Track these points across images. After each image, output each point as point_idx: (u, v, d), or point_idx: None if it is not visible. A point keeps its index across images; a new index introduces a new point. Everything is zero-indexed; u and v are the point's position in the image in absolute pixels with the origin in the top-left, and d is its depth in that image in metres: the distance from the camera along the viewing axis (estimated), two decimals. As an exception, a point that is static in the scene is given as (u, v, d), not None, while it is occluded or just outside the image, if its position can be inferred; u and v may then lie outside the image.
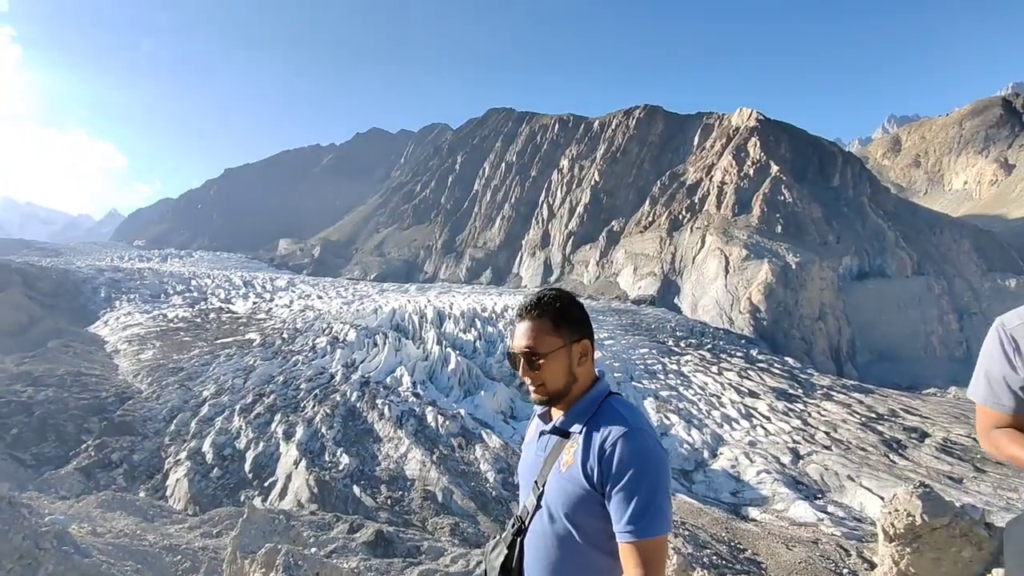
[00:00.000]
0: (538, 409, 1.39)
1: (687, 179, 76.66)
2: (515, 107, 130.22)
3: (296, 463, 29.91)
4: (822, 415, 34.05)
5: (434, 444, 33.04)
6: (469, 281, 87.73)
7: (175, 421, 34.60)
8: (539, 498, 1.23)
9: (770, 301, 51.27)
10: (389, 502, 28.31)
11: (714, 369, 41.39)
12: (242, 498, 27.20)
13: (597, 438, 1.19)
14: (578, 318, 1.31)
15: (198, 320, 59.35)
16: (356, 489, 28.67)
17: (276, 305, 66.25)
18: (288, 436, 32.80)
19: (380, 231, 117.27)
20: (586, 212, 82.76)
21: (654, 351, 45.45)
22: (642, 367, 42.41)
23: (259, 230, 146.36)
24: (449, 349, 45.18)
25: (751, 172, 68.68)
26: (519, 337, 1.28)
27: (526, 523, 1.24)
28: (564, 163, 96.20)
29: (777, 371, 41.26)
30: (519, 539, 1.25)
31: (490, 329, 50.36)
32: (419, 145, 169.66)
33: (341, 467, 30.57)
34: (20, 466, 28.37)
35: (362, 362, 43.77)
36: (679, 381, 39.79)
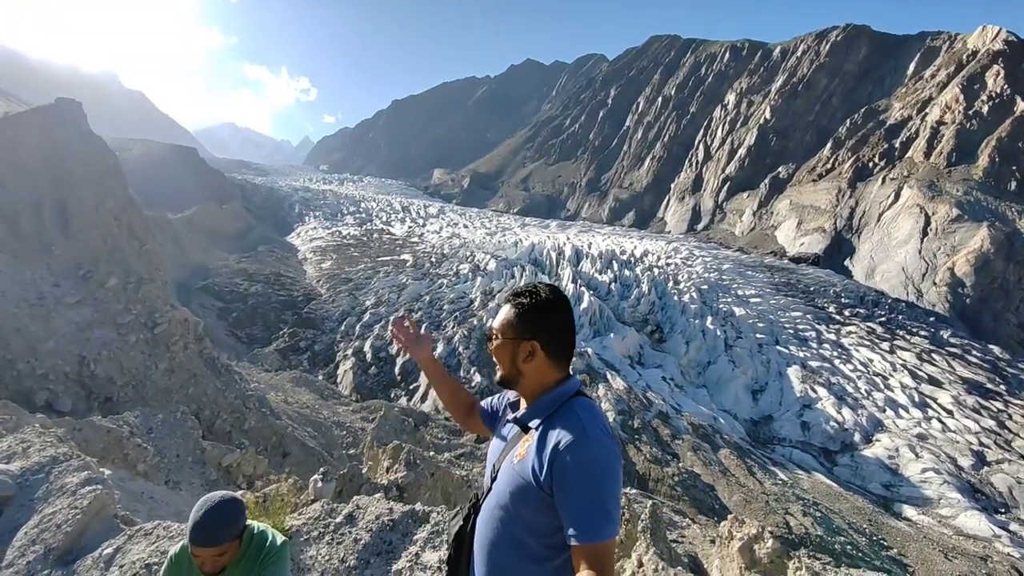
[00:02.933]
0: (510, 396, 1.43)
1: (889, 117, 63.31)
2: (680, 34, 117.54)
3: (436, 373, 33.61)
4: (1028, 420, 27.89)
5: (559, 377, 34.42)
6: (611, 222, 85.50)
7: (344, 323, 40.83)
8: (493, 481, 1.29)
9: (981, 275, 41.71)
10: (513, 422, 30.66)
11: (885, 346, 35.79)
12: (392, 395, 31.66)
13: (551, 439, 1.18)
14: (539, 320, 1.29)
15: (364, 239, 67.60)
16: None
17: (427, 230, 72.31)
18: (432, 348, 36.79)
19: (526, 165, 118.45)
20: (749, 155, 73.72)
21: (809, 316, 40.58)
22: (791, 331, 38.34)
23: (417, 159, 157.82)
24: (583, 288, 45.50)
25: (984, 110, 54.14)
26: (496, 316, 1.36)
27: (481, 501, 1.31)
28: (730, 98, 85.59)
29: (975, 359, 34.27)
30: (474, 514, 1.33)
31: (627, 273, 49.27)
32: (572, 77, 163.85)
33: (473, 384, 33.66)
34: (238, 341, 36.18)
35: (499, 291, 46.34)
36: (836, 353, 35.32)
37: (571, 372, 1.33)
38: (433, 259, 55.59)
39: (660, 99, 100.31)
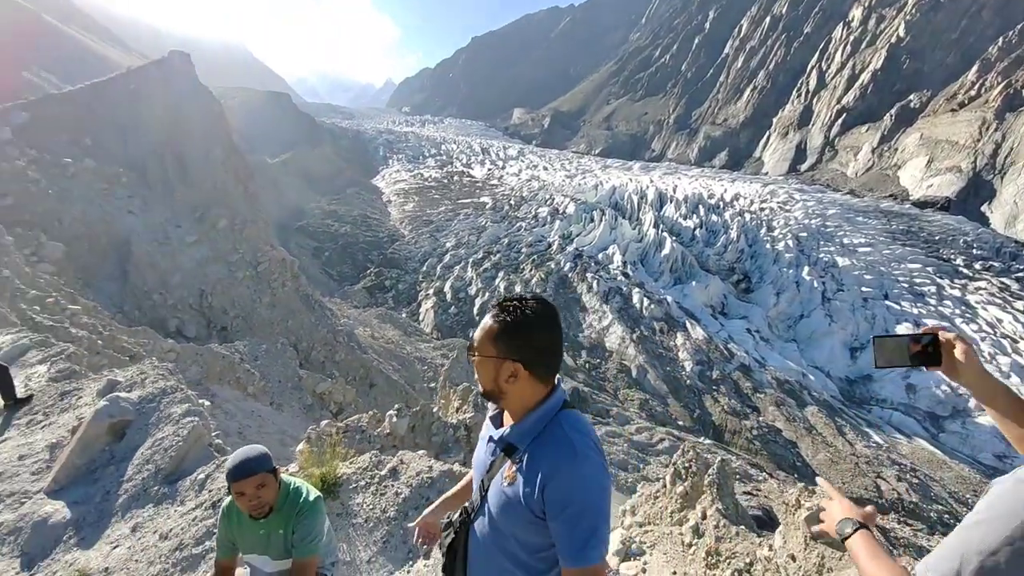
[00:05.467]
0: (491, 409, 1.36)
1: (1064, 29, 51.73)
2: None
3: (513, 316, 34.48)
4: None
5: (636, 324, 33.97)
6: (699, 163, 79.70)
7: (426, 264, 42.50)
8: (483, 498, 1.29)
9: None
10: (587, 366, 31.00)
11: (1020, 305, 31.20)
12: (469, 334, 33.05)
13: (540, 462, 1.15)
14: (524, 339, 1.20)
15: (445, 181, 68.62)
16: (560, 348, 31.98)
17: (507, 173, 71.79)
18: (508, 292, 37.55)
19: (610, 102, 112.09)
20: (873, 81, 64.12)
21: (929, 268, 36.04)
22: (905, 285, 34.43)
23: (497, 99, 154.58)
24: (665, 234, 43.52)
25: None
26: (478, 328, 1.27)
27: (472, 515, 1.33)
28: (855, 13, 73.79)
29: None
30: (467, 526, 1.34)
31: (714, 218, 46.22)
32: (665, 1, 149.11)
33: (549, 327, 34.15)
34: (330, 279, 39.02)
35: (578, 235, 45.60)
36: (959, 311, 31.39)
37: (556, 382, 1.26)
38: (512, 202, 55.44)
39: (768, 19, 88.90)
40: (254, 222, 18.52)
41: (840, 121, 64.74)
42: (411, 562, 2.46)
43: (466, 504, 1.37)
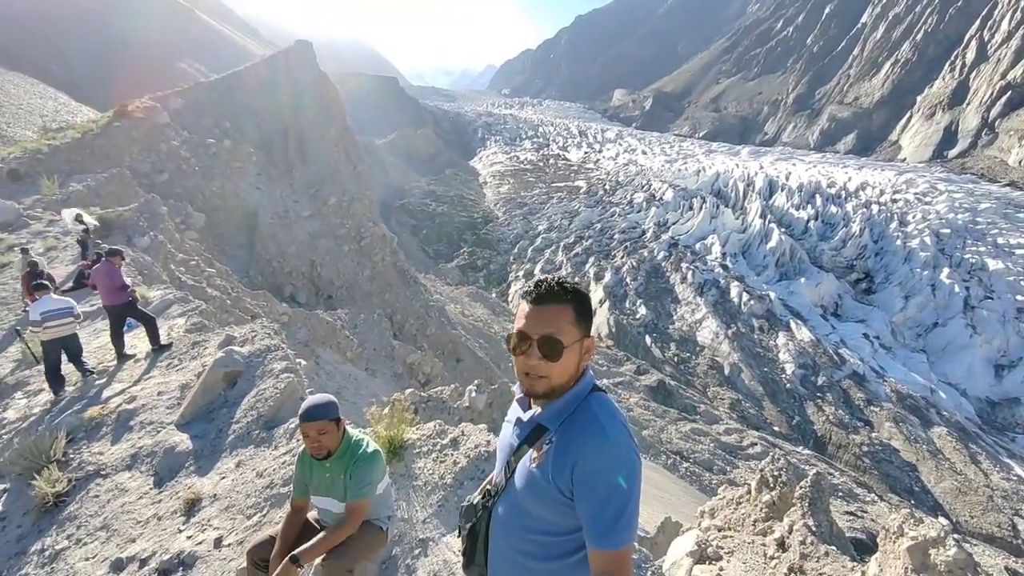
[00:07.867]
0: (517, 392, 1.33)
1: None
2: None
3: (601, 302, 33.90)
4: None
5: (733, 319, 31.90)
6: (820, 147, 71.99)
7: (517, 246, 43.02)
8: (508, 479, 1.29)
9: None
10: (676, 359, 29.77)
11: None
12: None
13: (570, 443, 1.15)
14: (592, 312, 1.23)
15: (540, 164, 68.53)
16: (648, 339, 30.98)
17: (603, 156, 70.03)
18: (598, 278, 36.92)
19: (720, 82, 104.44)
20: (1056, 50, 53.44)
21: (1116, 279, 29.80)
22: (1079, 297, 28.81)
23: (598, 80, 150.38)
24: (773, 225, 40.06)
25: None
26: (537, 321, 1.17)
27: (496, 496, 1.33)
28: (1039, -33, 61.59)
29: None
30: (488, 507, 1.34)
31: (833, 209, 41.66)
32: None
33: (638, 316, 33.15)
34: (426, 256, 40.84)
35: (674, 223, 43.48)
36: None
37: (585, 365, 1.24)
38: (607, 186, 54.15)
39: (918, -18, 77.20)
40: (360, 199, 19.85)
41: (1004, 100, 54.95)
42: (463, 528, 2.58)
43: (489, 487, 1.38)
